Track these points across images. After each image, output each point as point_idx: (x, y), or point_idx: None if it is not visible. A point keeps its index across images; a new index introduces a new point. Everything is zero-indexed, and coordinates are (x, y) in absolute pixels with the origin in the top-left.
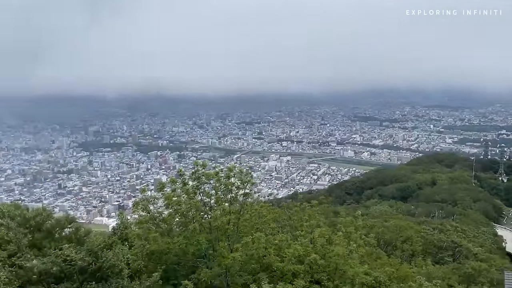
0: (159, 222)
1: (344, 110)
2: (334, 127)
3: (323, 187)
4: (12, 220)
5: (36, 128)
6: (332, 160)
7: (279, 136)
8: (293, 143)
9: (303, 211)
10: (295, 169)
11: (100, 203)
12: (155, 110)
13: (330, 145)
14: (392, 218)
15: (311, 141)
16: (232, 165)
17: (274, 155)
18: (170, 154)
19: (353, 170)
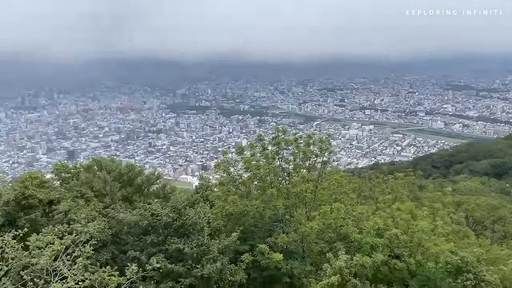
0: (238, 185)
1: (435, 77)
2: (423, 95)
3: (407, 159)
4: (109, 174)
5: (130, 89)
6: (418, 131)
7: (362, 104)
8: (377, 111)
9: (386, 183)
10: (377, 139)
11: (185, 162)
12: (238, 75)
13: (418, 115)
14: (484, 196)
15: (397, 110)
16: (311, 132)
17: (356, 124)
18: (251, 119)
19: (441, 143)
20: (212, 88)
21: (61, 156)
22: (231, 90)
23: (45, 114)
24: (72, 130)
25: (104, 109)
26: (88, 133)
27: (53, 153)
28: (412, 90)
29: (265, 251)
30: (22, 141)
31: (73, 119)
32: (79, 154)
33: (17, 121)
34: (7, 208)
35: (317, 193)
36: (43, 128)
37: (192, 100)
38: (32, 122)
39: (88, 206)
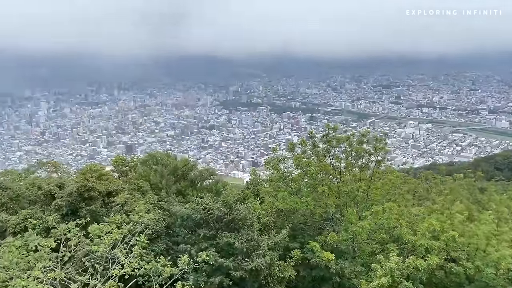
0: (288, 181)
1: (501, 74)
2: (486, 93)
3: (467, 160)
4: (165, 168)
5: (185, 86)
6: (481, 130)
7: (420, 102)
8: (435, 109)
9: (443, 184)
10: (435, 138)
11: (237, 158)
12: (290, 72)
13: (480, 113)
14: None
15: (457, 108)
16: (365, 130)
17: (412, 122)
18: (302, 116)
19: (506, 143)
20: (264, 85)
21: (120, 150)
22: (283, 87)
23: (106, 109)
24: (131, 125)
25: (160, 105)
26: (145, 128)
27: (112, 147)
28: (474, 87)
29: (316, 249)
30: (85, 135)
31: (131, 115)
32: (136, 148)
33: (81, 116)
34: (70, 199)
35: (369, 193)
36: (104, 123)
37: (244, 97)
38: (94, 117)
39: (144, 198)
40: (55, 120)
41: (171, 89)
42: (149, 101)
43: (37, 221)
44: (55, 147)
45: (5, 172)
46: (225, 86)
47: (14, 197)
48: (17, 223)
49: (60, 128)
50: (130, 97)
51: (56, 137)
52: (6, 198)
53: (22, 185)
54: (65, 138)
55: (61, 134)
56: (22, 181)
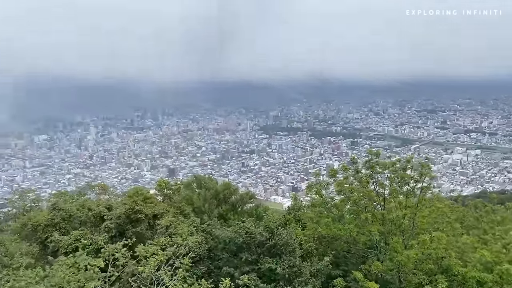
0: (330, 207)
1: None
2: None
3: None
4: (208, 191)
5: (226, 111)
6: None
7: (467, 127)
8: (485, 135)
9: (495, 213)
10: (485, 165)
11: (276, 182)
12: (331, 97)
13: None
14: None
15: (508, 134)
16: (410, 156)
17: (460, 148)
18: (343, 141)
19: None
20: (304, 110)
21: (162, 174)
22: (323, 112)
23: (151, 134)
24: (173, 149)
25: (202, 130)
26: (187, 152)
27: (156, 170)
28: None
29: (359, 278)
30: (130, 158)
31: (174, 139)
32: (178, 172)
33: (126, 141)
34: (118, 221)
35: (416, 221)
36: (148, 147)
37: (284, 121)
38: (139, 141)
39: (187, 221)
40: (103, 144)
41: (213, 114)
42: (192, 126)
43: (87, 241)
44: (101, 170)
45: (59, 194)
46: (265, 111)
47: (66, 217)
48: (69, 243)
49: (107, 152)
50: (173, 122)
51: (103, 160)
52: (59, 218)
53: (74, 207)
54: (111, 161)
55: (108, 158)
56: (74, 203)
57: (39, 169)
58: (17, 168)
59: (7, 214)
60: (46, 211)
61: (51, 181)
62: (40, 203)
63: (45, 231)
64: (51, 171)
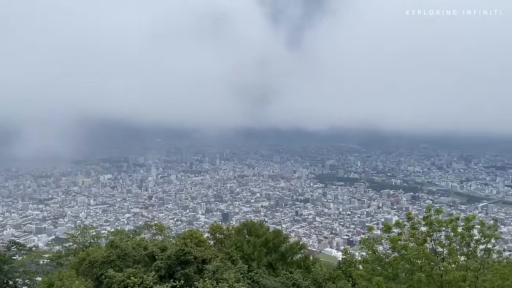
0: (385, 265)
1: None
2: None
3: None
4: (258, 238)
5: (282, 158)
6: None
7: None
8: None
9: None
10: None
11: (331, 234)
12: (391, 148)
13: None
14: None
15: None
16: (472, 215)
17: None
18: (403, 194)
19: None
20: (362, 160)
21: (216, 218)
22: (382, 163)
23: (207, 178)
24: (228, 194)
25: (257, 176)
26: (241, 197)
27: (210, 214)
28: None
29: None
30: (186, 201)
31: (229, 184)
32: (232, 217)
33: (184, 183)
34: (169, 262)
35: (477, 285)
36: (204, 191)
37: (341, 171)
38: (196, 184)
39: (234, 268)
40: (162, 185)
41: (268, 160)
42: (247, 171)
43: (137, 280)
44: (159, 211)
45: (116, 232)
46: (321, 159)
47: (122, 255)
48: (122, 280)
49: (166, 193)
50: (230, 167)
51: (161, 201)
52: (115, 256)
53: (130, 245)
54: (168, 203)
55: (166, 199)
56: (130, 241)
57: (101, 207)
58: (82, 204)
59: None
60: (103, 248)
61: (112, 219)
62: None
63: (101, 267)
64: (112, 209)
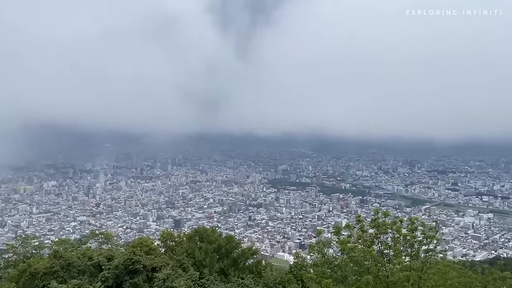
0: (334, 267)
1: None
2: None
3: None
4: (209, 245)
5: (235, 163)
6: None
7: (479, 189)
8: (497, 198)
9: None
10: (498, 230)
11: (283, 238)
12: (341, 153)
13: None
14: None
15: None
16: (414, 217)
17: (472, 211)
18: (352, 198)
19: None
20: (313, 165)
21: (168, 224)
22: (333, 168)
23: (159, 184)
24: (180, 200)
25: (210, 181)
26: (194, 203)
27: (161, 221)
28: None
29: None
30: (137, 208)
31: (182, 190)
32: (184, 223)
33: (134, 190)
34: (116, 271)
35: (420, 284)
36: (155, 197)
37: (293, 176)
38: (147, 190)
39: (185, 275)
40: (111, 192)
41: (221, 166)
42: (200, 177)
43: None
44: (107, 218)
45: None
46: (274, 164)
47: (65, 266)
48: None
49: (114, 200)
50: (182, 173)
51: (110, 209)
52: (58, 266)
53: (74, 255)
54: (117, 210)
55: (115, 206)
56: (75, 251)
57: (45, 215)
58: (23, 213)
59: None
60: (46, 259)
61: (56, 228)
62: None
63: (43, 279)
64: (57, 218)
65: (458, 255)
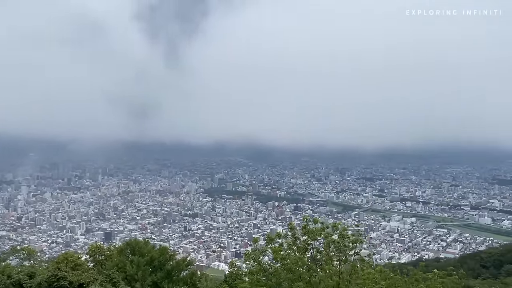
0: (269, 275)
1: (479, 171)
2: (467, 189)
3: (453, 256)
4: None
5: (171, 173)
6: (465, 226)
7: (403, 195)
8: (419, 203)
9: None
10: (420, 233)
11: (219, 248)
12: (276, 162)
13: (463, 209)
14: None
15: (440, 203)
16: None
17: (397, 215)
18: (287, 206)
19: (490, 240)
20: (249, 173)
21: (98, 237)
22: (268, 176)
23: (88, 195)
24: (112, 212)
25: (144, 192)
26: (126, 214)
27: (91, 234)
28: (455, 183)
29: None
30: (63, 221)
31: (113, 201)
32: (115, 236)
33: (61, 201)
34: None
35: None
36: (84, 209)
37: (229, 184)
38: (75, 202)
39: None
40: (34, 205)
41: (156, 175)
42: (133, 187)
43: None
44: (30, 233)
45: None
46: (210, 173)
47: None
48: None
49: (38, 213)
50: (114, 183)
51: (33, 222)
52: None
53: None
54: (42, 223)
55: (39, 220)
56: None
57: None
58: None
59: None
60: None
61: None
62: None
63: None
64: None
65: (385, 258)
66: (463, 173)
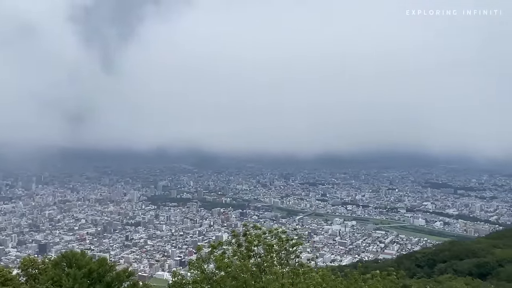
0: (213, 283)
1: (414, 175)
2: (403, 192)
3: (391, 257)
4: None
5: (111, 180)
6: (401, 228)
7: (344, 199)
8: (359, 207)
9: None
10: (360, 235)
11: (163, 257)
12: (221, 168)
13: (399, 211)
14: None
15: (378, 206)
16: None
17: (338, 219)
18: (233, 212)
19: (424, 240)
20: (194, 180)
21: (31, 250)
22: (214, 183)
23: (21, 205)
24: (47, 222)
25: (82, 201)
26: (63, 225)
27: (23, 247)
28: (391, 186)
29: None
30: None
31: (48, 211)
32: (51, 248)
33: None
34: None
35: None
36: (16, 220)
37: (174, 192)
38: (5, 213)
39: None
40: None
41: (95, 183)
42: (71, 196)
43: None
44: None
45: None
46: (154, 181)
47: None
48: None
49: None
50: (49, 192)
51: None
52: None
53: None
54: None
55: None
56: None
57: None
58: None
59: None
60: None
61: None
62: None
63: None
64: None
65: (328, 261)
66: (399, 177)
